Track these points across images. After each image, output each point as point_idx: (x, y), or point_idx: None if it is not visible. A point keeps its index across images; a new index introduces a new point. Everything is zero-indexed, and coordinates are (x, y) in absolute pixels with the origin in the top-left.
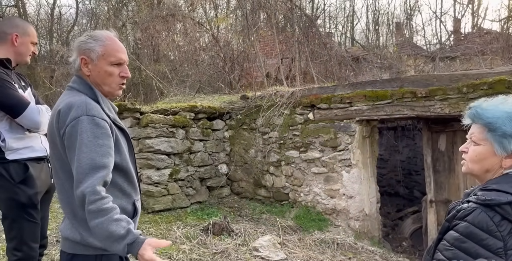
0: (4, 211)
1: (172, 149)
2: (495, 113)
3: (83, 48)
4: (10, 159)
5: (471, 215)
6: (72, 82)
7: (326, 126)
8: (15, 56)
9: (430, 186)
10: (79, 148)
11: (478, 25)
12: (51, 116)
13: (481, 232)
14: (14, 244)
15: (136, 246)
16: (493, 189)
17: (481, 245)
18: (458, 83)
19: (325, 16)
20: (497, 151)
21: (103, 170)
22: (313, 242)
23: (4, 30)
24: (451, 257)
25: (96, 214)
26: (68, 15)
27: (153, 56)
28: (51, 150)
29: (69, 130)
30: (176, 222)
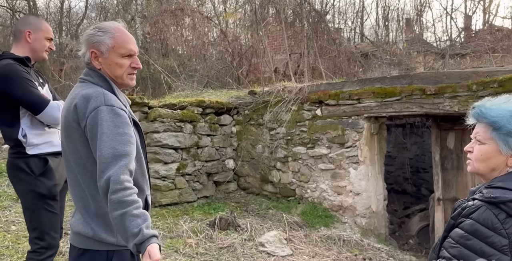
0: (25, 203)
1: (179, 143)
2: (499, 112)
3: (92, 41)
4: (30, 153)
5: (476, 213)
6: (84, 74)
7: (334, 123)
8: (31, 53)
9: (438, 184)
10: (100, 138)
11: (489, 22)
12: (65, 109)
13: (486, 229)
14: (36, 234)
15: (142, 247)
16: (498, 186)
17: (486, 243)
18: (468, 81)
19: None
20: (502, 150)
21: (125, 158)
22: (319, 239)
23: (18, 28)
24: (456, 254)
25: (116, 206)
26: (78, 8)
27: (161, 50)
28: (65, 144)
29: (90, 122)
30: (183, 216)
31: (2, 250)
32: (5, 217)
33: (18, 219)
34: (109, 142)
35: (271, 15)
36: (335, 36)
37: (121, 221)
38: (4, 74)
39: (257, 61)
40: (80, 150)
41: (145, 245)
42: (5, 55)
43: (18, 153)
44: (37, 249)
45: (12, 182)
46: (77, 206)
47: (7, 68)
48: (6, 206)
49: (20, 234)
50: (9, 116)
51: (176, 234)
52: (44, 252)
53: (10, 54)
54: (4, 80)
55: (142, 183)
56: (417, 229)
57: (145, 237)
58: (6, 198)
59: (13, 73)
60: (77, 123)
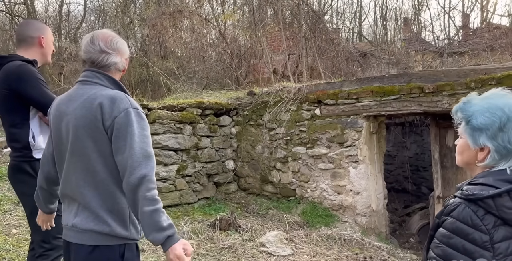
0: (30, 206)
1: (179, 145)
2: (474, 107)
3: (125, 50)
4: (36, 157)
5: (456, 211)
6: (89, 77)
7: (333, 122)
8: (42, 57)
9: (438, 182)
10: (130, 138)
11: (487, 20)
12: (83, 109)
13: (466, 226)
14: (42, 237)
15: (172, 241)
16: (479, 183)
17: (468, 240)
18: (466, 79)
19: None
20: (470, 144)
21: (153, 160)
22: (320, 238)
23: (30, 34)
24: (440, 253)
25: (151, 202)
26: (76, 12)
27: (160, 52)
28: (81, 143)
29: (118, 121)
30: (184, 217)
31: (3, 253)
32: (6, 221)
33: (19, 222)
34: (140, 143)
35: (269, 16)
36: (333, 36)
37: (155, 215)
38: (20, 74)
39: (256, 62)
40: (102, 149)
41: (175, 239)
42: (14, 57)
43: (24, 156)
44: (43, 252)
45: (15, 185)
46: (86, 205)
47: (22, 68)
48: (7, 210)
49: (21, 238)
50: (19, 117)
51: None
52: (51, 254)
53: (19, 56)
54: (20, 80)
55: None
56: (417, 227)
57: (175, 231)
58: (6, 201)
59: (28, 73)
60: (100, 122)
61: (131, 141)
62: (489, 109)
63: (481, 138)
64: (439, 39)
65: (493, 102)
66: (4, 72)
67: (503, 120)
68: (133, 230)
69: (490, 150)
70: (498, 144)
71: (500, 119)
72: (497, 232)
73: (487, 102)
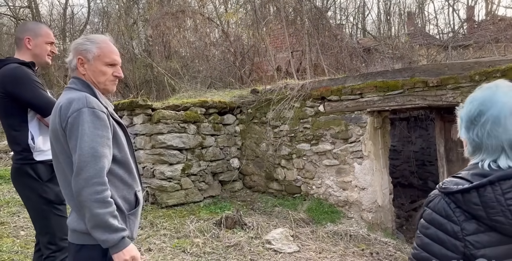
0: (34, 209)
1: (184, 144)
2: (472, 98)
3: (80, 49)
4: (37, 159)
5: (432, 202)
6: (70, 83)
7: (337, 118)
8: (34, 58)
9: (444, 176)
10: (81, 138)
11: (492, 12)
12: (52, 114)
13: (440, 217)
14: (48, 239)
15: (123, 244)
16: (459, 176)
17: (441, 230)
18: (470, 71)
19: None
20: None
21: (104, 160)
22: (326, 234)
23: (18, 36)
24: (419, 243)
25: (101, 204)
26: (80, 14)
27: (164, 52)
28: (54, 146)
29: (71, 121)
30: (190, 216)
31: (11, 255)
32: (14, 223)
33: (27, 224)
34: (90, 142)
35: (272, 14)
36: (337, 32)
37: (106, 218)
38: (15, 76)
39: (259, 60)
40: (67, 150)
41: (127, 242)
42: (11, 60)
43: (25, 159)
44: (50, 254)
45: (18, 188)
46: (70, 204)
47: (17, 71)
48: (14, 212)
49: (29, 239)
50: (18, 120)
51: (183, 234)
52: (58, 255)
53: (15, 59)
54: (15, 83)
55: (128, 180)
56: None
57: (127, 234)
58: (14, 204)
59: (23, 75)
60: (59, 124)
61: (81, 141)
62: (471, 100)
63: (462, 129)
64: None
65: (479, 92)
66: (0, 76)
67: (473, 113)
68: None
69: (467, 142)
70: (469, 136)
71: (475, 111)
72: (469, 225)
73: (476, 92)
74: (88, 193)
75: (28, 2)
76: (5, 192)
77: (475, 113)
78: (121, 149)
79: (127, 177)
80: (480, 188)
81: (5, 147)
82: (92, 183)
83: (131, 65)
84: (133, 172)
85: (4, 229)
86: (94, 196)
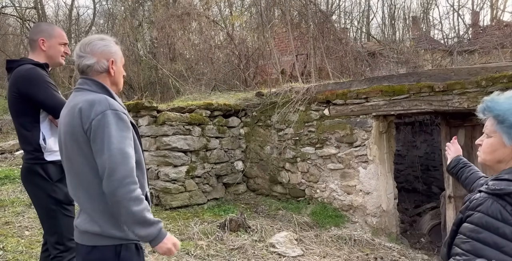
0: (43, 208)
1: (188, 146)
2: (504, 105)
3: (110, 51)
4: (48, 160)
5: (483, 205)
6: (80, 84)
7: (342, 122)
8: (48, 60)
9: (449, 181)
10: (108, 140)
11: (497, 17)
12: (67, 116)
13: (496, 221)
14: (56, 239)
15: (163, 234)
16: (505, 179)
17: (498, 234)
18: (477, 77)
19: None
20: (506, 142)
21: (132, 160)
22: (330, 239)
23: (32, 37)
24: (469, 249)
25: (137, 202)
26: (86, 15)
27: (169, 55)
28: (70, 148)
29: (95, 123)
30: (193, 218)
31: (16, 255)
32: (19, 223)
33: (32, 224)
34: (117, 144)
35: (277, 17)
36: (342, 36)
37: (144, 214)
38: (28, 77)
39: (264, 63)
40: (86, 152)
41: (164, 233)
42: (25, 61)
43: (36, 159)
44: (57, 254)
45: (28, 187)
46: (82, 206)
47: (31, 72)
48: (19, 212)
49: (34, 239)
50: (30, 120)
51: (187, 236)
52: (66, 256)
53: (29, 60)
54: (29, 83)
55: (142, 181)
56: (428, 227)
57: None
58: (19, 204)
59: (37, 76)
60: (80, 126)
61: (109, 143)
62: None
63: None
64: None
65: None
66: (14, 76)
67: None
68: (127, 229)
69: None
70: None
71: None
72: None
73: None
74: (123, 192)
75: (34, 3)
76: (10, 192)
77: None
78: (136, 150)
79: (141, 178)
80: None
81: (10, 147)
82: (126, 183)
83: (136, 66)
84: (145, 173)
85: (9, 229)
86: (129, 195)
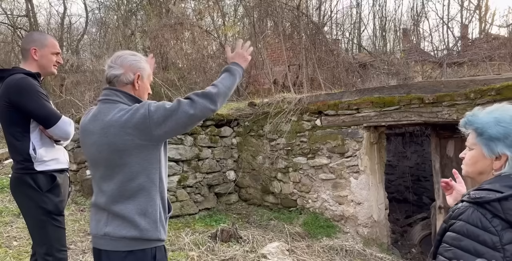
0: (32, 219)
1: (180, 156)
2: (483, 119)
3: (137, 66)
4: (38, 170)
5: (465, 214)
6: (108, 95)
7: (334, 133)
8: (40, 69)
9: (439, 192)
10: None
11: (485, 30)
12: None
13: (476, 229)
14: (45, 250)
15: (238, 68)
16: (485, 188)
17: (478, 242)
18: (466, 89)
19: (332, 23)
20: (485, 153)
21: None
22: (322, 249)
23: (24, 46)
24: (452, 257)
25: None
26: (78, 24)
27: (161, 64)
28: (113, 159)
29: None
30: (185, 228)
31: None
32: (7, 233)
33: (20, 234)
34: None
35: (270, 28)
36: (333, 47)
37: (227, 85)
38: (20, 87)
39: (256, 73)
40: (141, 157)
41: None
42: (17, 70)
43: (25, 169)
44: None
45: (17, 197)
46: (118, 214)
47: (22, 81)
48: (7, 222)
49: (22, 250)
50: (20, 129)
51: (178, 247)
52: None
53: (21, 69)
54: (20, 93)
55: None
56: (419, 238)
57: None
58: (7, 213)
59: (28, 86)
60: (135, 128)
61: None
62: (503, 120)
63: (498, 147)
64: (438, 49)
65: (504, 113)
66: (5, 85)
67: None
68: (162, 231)
69: (508, 158)
70: None
71: None
72: (506, 234)
73: (499, 114)
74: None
75: (26, 11)
76: None
77: None
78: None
79: (162, 183)
80: None
81: None
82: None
83: None
84: (165, 178)
85: None
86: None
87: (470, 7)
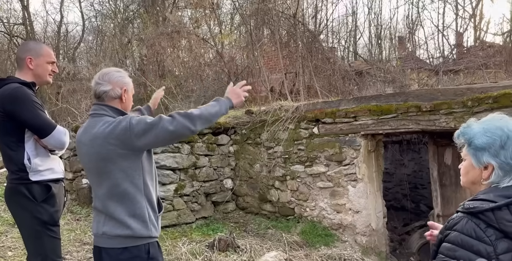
0: (27, 229)
1: (177, 164)
2: (474, 130)
3: (123, 81)
4: (33, 180)
5: (459, 224)
6: (99, 110)
7: (331, 141)
8: (35, 78)
9: (437, 200)
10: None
11: (480, 38)
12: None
13: (470, 239)
14: (40, 260)
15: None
16: (479, 198)
17: (473, 252)
18: (463, 97)
19: (328, 31)
20: (474, 163)
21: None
22: (320, 258)
23: (19, 56)
24: None
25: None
26: (75, 32)
27: (158, 72)
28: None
29: (133, 122)
30: (182, 238)
31: None
32: (1, 243)
33: (15, 244)
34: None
35: (266, 36)
36: (329, 55)
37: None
38: (14, 96)
39: (253, 80)
40: (124, 166)
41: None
42: (12, 79)
43: (20, 179)
44: None
45: (12, 208)
46: (112, 215)
47: (17, 91)
48: (2, 232)
49: (17, 260)
50: (15, 139)
51: (175, 256)
52: None
53: (16, 79)
54: (15, 103)
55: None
56: (417, 246)
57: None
58: (2, 223)
59: (23, 96)
60: (117, 139)
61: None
62: (489, 129)
63: (484, 157)
64: (434, 57)
65: (491, 123)
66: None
67: (503, 139)
68: (153, 229)
69: (494, 168)
70: (501, 161)
71: (501, 138)
72: (500, 244)
73: (486, 124)
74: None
75: (23, 19)
76: None
77: (505, 139)
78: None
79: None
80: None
81: None
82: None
83: None
84: (155, 180)
85: None
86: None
87: (465, 16)
